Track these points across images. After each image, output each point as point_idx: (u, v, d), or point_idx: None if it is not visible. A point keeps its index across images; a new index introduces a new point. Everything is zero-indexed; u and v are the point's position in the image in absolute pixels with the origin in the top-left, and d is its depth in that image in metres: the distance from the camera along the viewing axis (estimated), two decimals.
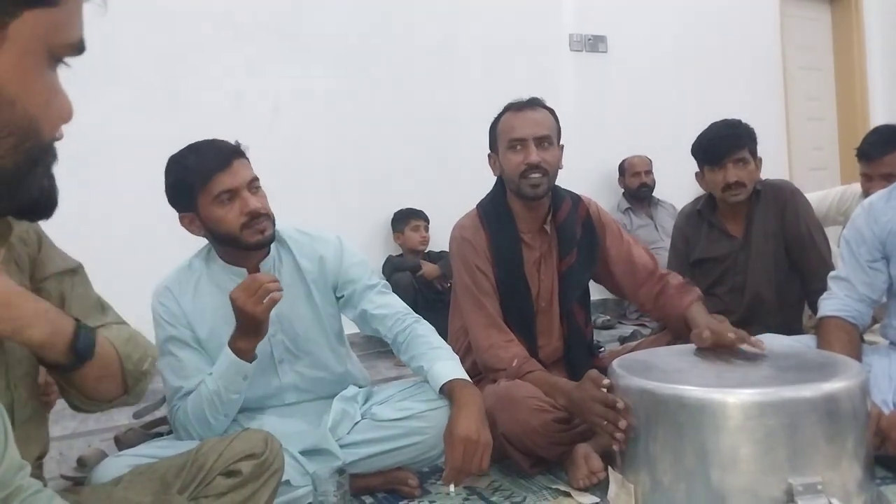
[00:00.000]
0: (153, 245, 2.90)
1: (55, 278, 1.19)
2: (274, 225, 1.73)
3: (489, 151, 2.10)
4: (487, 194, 2.14)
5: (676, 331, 2.03)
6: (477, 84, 4.09)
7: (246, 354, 1.61)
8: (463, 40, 4.17)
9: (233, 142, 1.70)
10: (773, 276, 2.44)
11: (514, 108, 2.03)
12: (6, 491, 0.78)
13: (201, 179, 1.62)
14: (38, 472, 1.16)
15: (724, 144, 2.41)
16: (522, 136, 1.97)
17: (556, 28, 4.55)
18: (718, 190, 2.45)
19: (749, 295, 2.44)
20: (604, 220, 2.15)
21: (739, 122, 2.48)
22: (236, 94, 3.49)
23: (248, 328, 1.58)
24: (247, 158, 1.69)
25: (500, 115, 2.06)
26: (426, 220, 3.91)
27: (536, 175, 1.96)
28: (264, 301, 1.52)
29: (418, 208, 3.90)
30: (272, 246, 1.77)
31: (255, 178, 1.69)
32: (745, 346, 1.64)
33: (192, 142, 1.70)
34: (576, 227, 2.09)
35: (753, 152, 2.43)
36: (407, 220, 3.90)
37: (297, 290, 1.81)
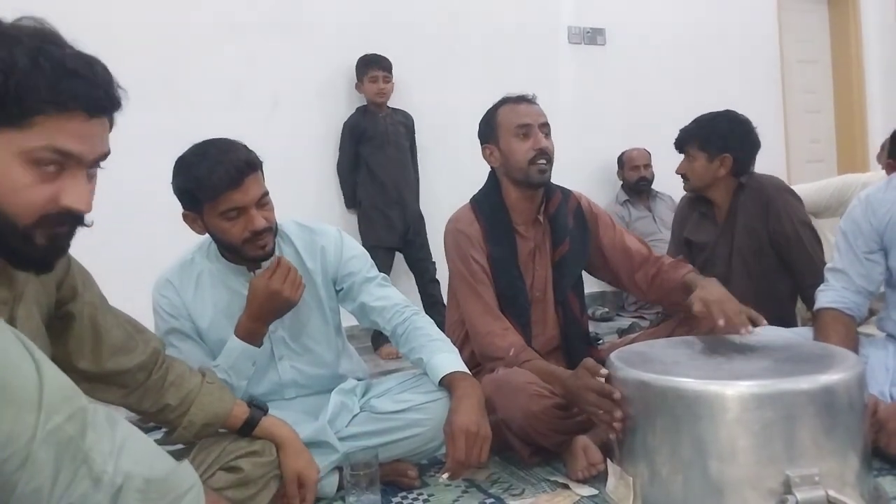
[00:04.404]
0: (152, 238, 2.90)
1: (87, 305, 1.22)
2: (275, 235, 1.72)
3: (485, 144, 2.12)
4: (480, 189, 2.16)
5: (675, 307, 2.06)
6: (476, 76, 4.08)
7: (257, 339, 1.69)
8: (462, 33, 4.16)
9: (241, 140, 1.65)
10: (753, 273, 2.43)
11: (513, 100, 2.09)
12: (55, 420, 0.73)
13: (210, 195, 1.58)
14: None
15: (679, 137, 2.54)
16: (529, 122, 2.03)
17: (555, 21, 4.53)
18: None
19: (732, 290, 2.44)
20: (595, 211, 2.19)
21: (710, 118, 2.51)
22: (235, 86, 3.48)
23: (277, 312, 1.68)
24: (260, 171, 1.64)
25: (496, 108, 2.10)
26: (387, 69, 3.62)
27: (543, 161, 2.01)
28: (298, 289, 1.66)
29: (382, 55, 3.64)
30: (274, 240, 1.77)
31: (265, 193, 1.64)
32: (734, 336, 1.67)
33: (204, 141, 1.64)
34: (567, 218, 2.12)
35: (706, 148, 2.44)
36: (365, 69, 3.61)
37: None
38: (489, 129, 2.10)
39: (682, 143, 2.52)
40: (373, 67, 3.62)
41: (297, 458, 1.46)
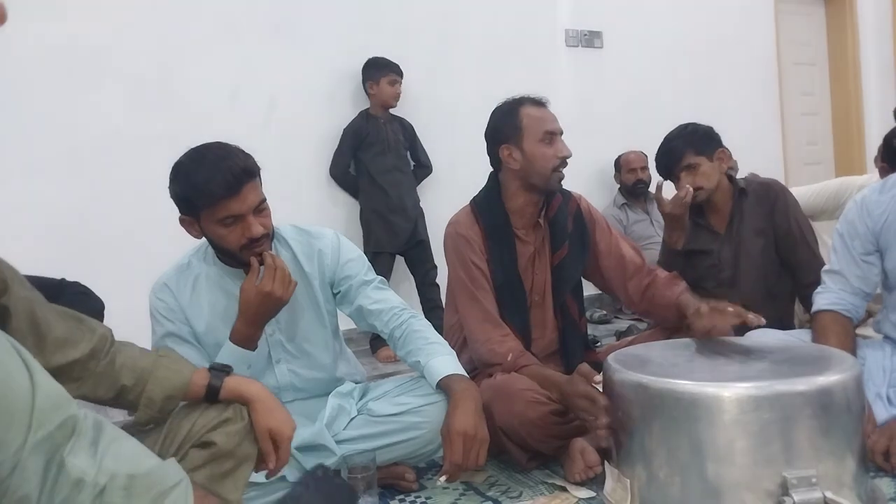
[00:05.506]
0: (150, 241, 2.90)
1: (22, 300, 1.17)
2: (272, 240, 1.72)
3: (503, 144, 2.03)
4: (480, 190, 2.14)
5: (664, 322, 2.08)
6: (473, 79, 4.09)
7: (253, 343, 1.67)
8: (460, 36, 4.16)
9: (237, 143, 1.64)
10: (762, 274, 2.44)
11: (532, 101, 2.05)
12: (47, 428, 0.74)
13: (207, 202, 1.58)
14: None
15: (664, 162, 2.46)
16: (554, 129, 2.02)
17: (552, 24, 4.54)
18: None
19: (740, 293, 2.44)
20: (594, 215, 2.18)
21: (680, 130, 2.48)
22: (232, 89, 3.48)
23: (271, 313, 1.66)
24: (258, 178, 1.63)
25: (516, 108, 2.03)
26: (400, 74, 3.69)
27: (563, 169, 2.02)
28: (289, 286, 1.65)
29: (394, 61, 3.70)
30: (272, 244, 1.77)
31: (263, 200, 1.64)
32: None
33: (200, 146, 1.62)
34: (567, 221, 2.11)
35: (703, 151, 2.40)
36: (385, 70, 3.64)
37: (299, 288, 1.80)
38: (512, 130, 2.02)
39: (675, 162, 2.41)
40: (390, 71, 3.65)
41: (269, 415, 1.36)
